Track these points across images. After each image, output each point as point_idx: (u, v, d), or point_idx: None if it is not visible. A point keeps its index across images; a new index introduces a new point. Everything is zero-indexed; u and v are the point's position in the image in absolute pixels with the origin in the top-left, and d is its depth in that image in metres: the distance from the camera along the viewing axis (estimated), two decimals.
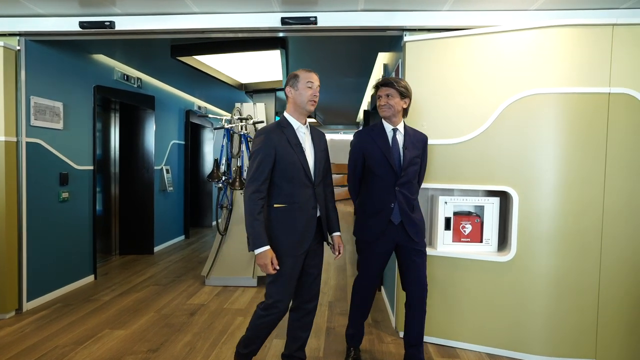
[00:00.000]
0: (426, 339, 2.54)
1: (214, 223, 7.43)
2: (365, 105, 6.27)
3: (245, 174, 4.01)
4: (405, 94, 2.15)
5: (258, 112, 4.42)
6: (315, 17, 2.75)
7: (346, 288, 3.91)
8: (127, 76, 4.58)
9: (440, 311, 2.58)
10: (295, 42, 3.50)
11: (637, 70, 2.31)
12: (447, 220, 2.61)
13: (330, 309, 3.31)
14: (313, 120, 8.66)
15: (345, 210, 9.78)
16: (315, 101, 1.91)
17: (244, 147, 4.03)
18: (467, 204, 2.64)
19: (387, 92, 2.15)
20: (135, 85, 4.76)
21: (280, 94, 5.60)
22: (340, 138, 12.52)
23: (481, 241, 2.62)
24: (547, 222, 2.41)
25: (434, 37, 2.61)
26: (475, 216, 2.63)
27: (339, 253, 2.09)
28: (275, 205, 1.90)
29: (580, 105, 2.35)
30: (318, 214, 1.98)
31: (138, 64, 4.58)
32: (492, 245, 2.61)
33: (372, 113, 4.94)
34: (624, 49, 2.31)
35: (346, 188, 10.24)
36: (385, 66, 3.89)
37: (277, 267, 1.85)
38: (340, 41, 3.35)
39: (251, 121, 4.07)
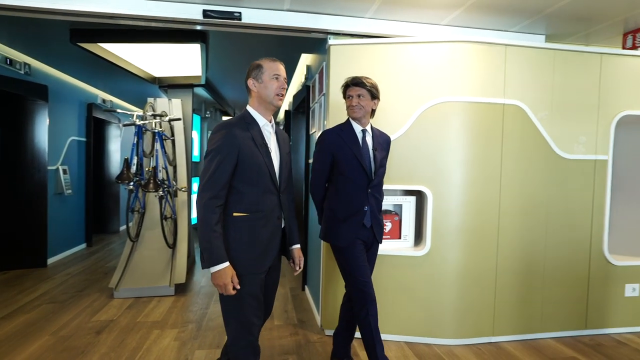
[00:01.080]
0: None
1: (123, 228, 6.78)
2: (286, 105, 6.27)
3: (160, 174, 3.72)
4: (375, 94, 2.09)
5: (174, 108, 4.14)
6: (240, 13, 2.66)
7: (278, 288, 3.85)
8: (10, 60, 3.92)
9: None
10: (217, 36, 3.34)
11: (523, 85, 2.71)
12: None
13: None
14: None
15: None
16: (283, 94, 1.68)
17: (158, 145, 3.73)
18: (387, 203, 2.80)
19: (358, 92, 2.06)
20: (22, 72, 4.10)
21: (198, 90, 5.31)
22: None
23: (400, 237, 2.80)
24: (455, 219, 2.67)
25: (357, 43, 2.71)
26: (395, 214, 2.80)
27: (300, 268, 1.87)
28: (234, 214, 1.62)
29: (482, 113, 2.65)
30: (283, 225, 1.77)
31: (26, 46, 3.94)
32: (410, 241, 2.80)
33: (294, 113, 4.96)
34: (514, 66, 2.69)
35: None
36: (309, 67, 3.93)
37: (238, 287, 1.59)
38: (263, 40, 3.29)
39: (167, 118, 3.78)
